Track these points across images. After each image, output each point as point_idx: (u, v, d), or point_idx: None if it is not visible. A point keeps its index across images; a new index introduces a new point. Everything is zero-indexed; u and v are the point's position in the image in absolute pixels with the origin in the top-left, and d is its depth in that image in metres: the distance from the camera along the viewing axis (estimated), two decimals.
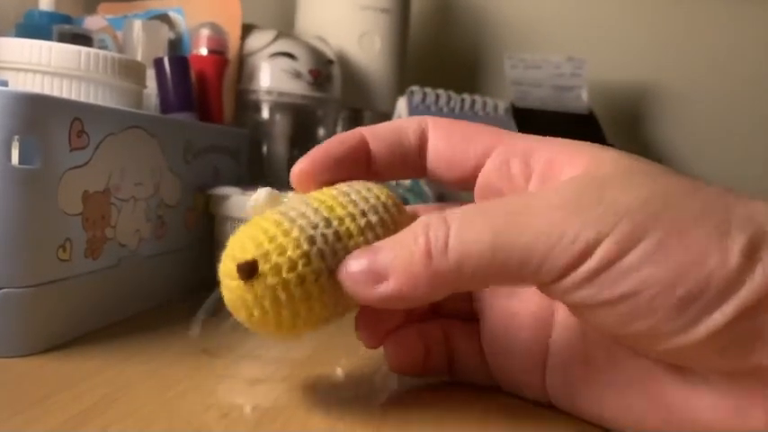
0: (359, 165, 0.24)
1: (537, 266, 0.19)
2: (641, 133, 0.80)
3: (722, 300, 0.18)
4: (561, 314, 0.23)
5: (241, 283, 0.19)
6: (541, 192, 0.21)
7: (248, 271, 0.19)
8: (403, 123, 0.24)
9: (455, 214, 0.20)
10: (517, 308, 0.24)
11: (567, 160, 0.21)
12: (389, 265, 0.20)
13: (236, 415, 0.22)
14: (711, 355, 0.19)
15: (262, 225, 0.20)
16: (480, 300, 0.25)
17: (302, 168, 0.23)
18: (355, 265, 0.20)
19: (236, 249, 0.20)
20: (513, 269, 0.19)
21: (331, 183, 0.23)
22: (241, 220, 0.38)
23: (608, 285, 0.19)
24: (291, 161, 0.53)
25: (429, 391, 0.25)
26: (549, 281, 0.19)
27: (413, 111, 0.56)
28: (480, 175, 0.23)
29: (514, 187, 0.22)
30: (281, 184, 0.51)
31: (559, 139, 0.22)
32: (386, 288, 0.20)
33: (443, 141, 0.24)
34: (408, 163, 0.24)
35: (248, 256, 0.19)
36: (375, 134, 0.24)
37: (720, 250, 0.18)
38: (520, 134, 0.23)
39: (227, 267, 0.20)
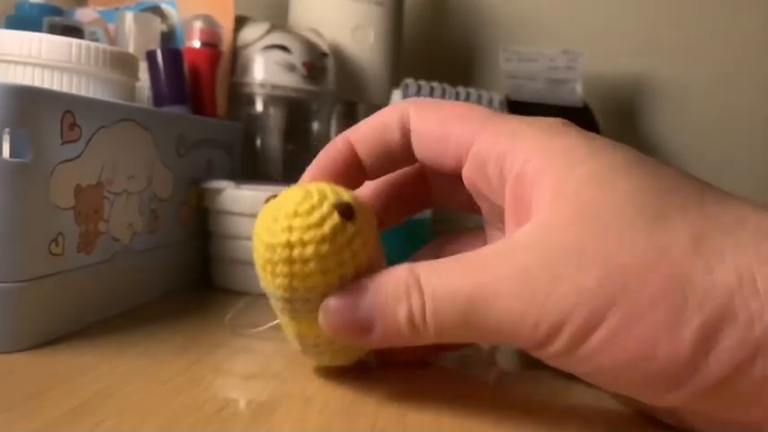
0: (352, 172, 0.24)
1: (509, 341, 0.20)
2: (636, 126, 0.80)
3: (676, 386, 0.18)
4: None
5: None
6: (504, 257, 0.20)
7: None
8: (386, 118, 0.24)
9: (428, 282, 0.20)
10: None
11: (535, 178, 0.21)
12: (373, 321, 0.21)
13: (232, 410, 0.21)
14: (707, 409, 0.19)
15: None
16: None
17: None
18: (337, 315, 0.21)
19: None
20: (488, 339, 0.21)
21: None
22: (234, 214, 0.38)
23: (577, 363, 0.19)
24: (286, 155, 0.53)
25: (426, 385, 0.25)
26: (526, 349, 0.20)
27: None
28: (463, 172, 0.23)
29: (493, 191, 0.22)
30: (276, 177, 0.51)
31: (533, 134, 0.21)
32: (371, 338, 0.21)
33: (423, 141, 0.23)
34: (397, 159, 0.24)
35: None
36: (360, 137, 0.24)
37: (671, 342, 0.18)
38: (496, 126, 0.22)
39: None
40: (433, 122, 0.23)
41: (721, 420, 0.19)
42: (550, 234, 0.19)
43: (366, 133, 0.24)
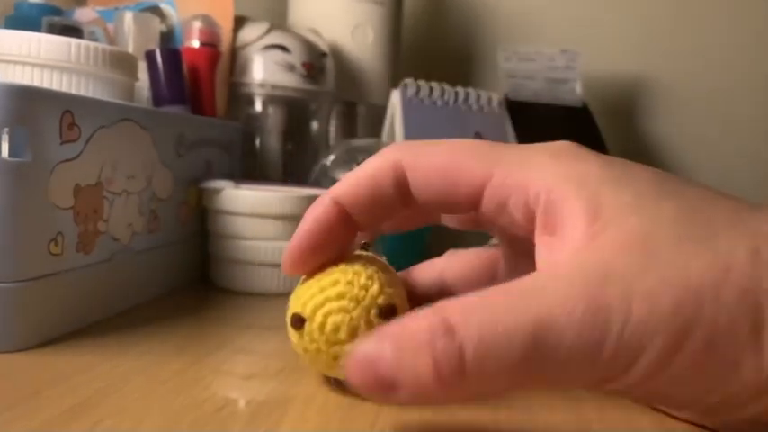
0: (342, 229, 0.23)
1: (572, 379, 0.18)
2: (635, 126, 0.80)
3: (754, 401, 0.18)
4: None
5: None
6: (558, 286, 0.18)
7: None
8: (374, 172, 0.22)
9: (469, 324, 0.17)
10: None
11: (563, 206, 0.20)
12: (396, 377, 0.17)
13: (231, 409, 0.21)
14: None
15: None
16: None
17: (288, 259, 0.23)
18: (358, 373, 0.17)
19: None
20: (545, 381, 0.18)
21: (322, 262, 0.23)
22: (233, 214, 0.38)
23: (644, 393, 0.19)
24: (285, 155, 0.53)
25: None
26: (592, 386, 0.19)
27: (406, 104, 0.56)
28: (480, 213, 0.22)
29: (518, 226, 0.21)
30: (275, 178, 0.51)
31: (548, 162, 0.21)
32: (400, 398, 0.17)
33: (427, 192, 0.22)
34: (391, 209, 0.23)
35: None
36: (347, 194, 0.22)
37: (754, 356, 0.17)
38: (505, 160, 0.21)
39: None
40: (434, 171, 0.22)
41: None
42: (604, 261, 0.18)
43: (354, 191, 0.22)
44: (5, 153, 0.24)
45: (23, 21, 0.41)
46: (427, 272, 0.27)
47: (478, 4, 0.80)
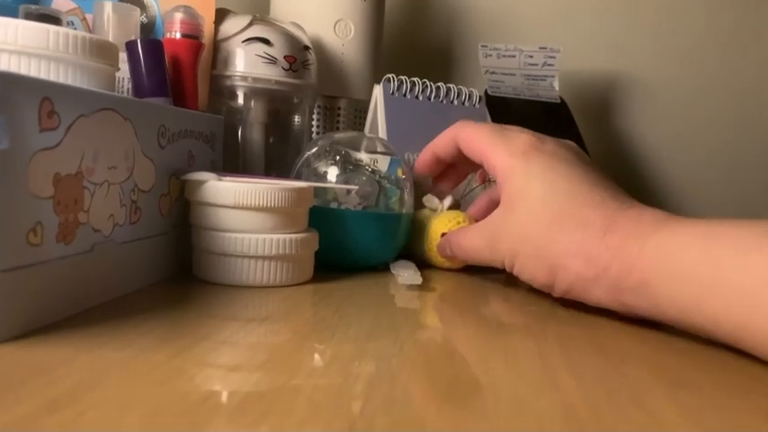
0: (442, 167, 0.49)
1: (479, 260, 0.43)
2: (611, 123, 0.81)
3: (551, 289, 0.38)
4: None
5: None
6: (482, 225, 0.42)
7: None
8: (440, 144, 0.47)
9: (454, 239, 0.45)
10: None
11: (500, 184, 0.40)
12: (445, 248, 0.46)
13: (216, 401, 0.21)
14: None
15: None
16: None
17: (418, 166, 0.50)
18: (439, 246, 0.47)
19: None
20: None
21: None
22: (216, 206, 0.37)
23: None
24: (267, 148, 0.53)
25: (410, 375, 0.25)
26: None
27: (388, 99, 0.56)
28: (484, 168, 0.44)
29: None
30: (257, 170, 0.51)
31: (503, 157, 0.40)
32: (446, 254, 0.46)
33: (466, 153, 0.45)
34: (457, 156, 0.47)
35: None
36: (441, 151, 0.48)
37: (545, 280, 0.38)
38: (491, 149, 0.42)
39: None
40: (467, 144, 0.44)
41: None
42: (503, 219, 0.40)
43: (438, 149, 0.47)
44: None
45: None
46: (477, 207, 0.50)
47: (459, 0, 0.80)
